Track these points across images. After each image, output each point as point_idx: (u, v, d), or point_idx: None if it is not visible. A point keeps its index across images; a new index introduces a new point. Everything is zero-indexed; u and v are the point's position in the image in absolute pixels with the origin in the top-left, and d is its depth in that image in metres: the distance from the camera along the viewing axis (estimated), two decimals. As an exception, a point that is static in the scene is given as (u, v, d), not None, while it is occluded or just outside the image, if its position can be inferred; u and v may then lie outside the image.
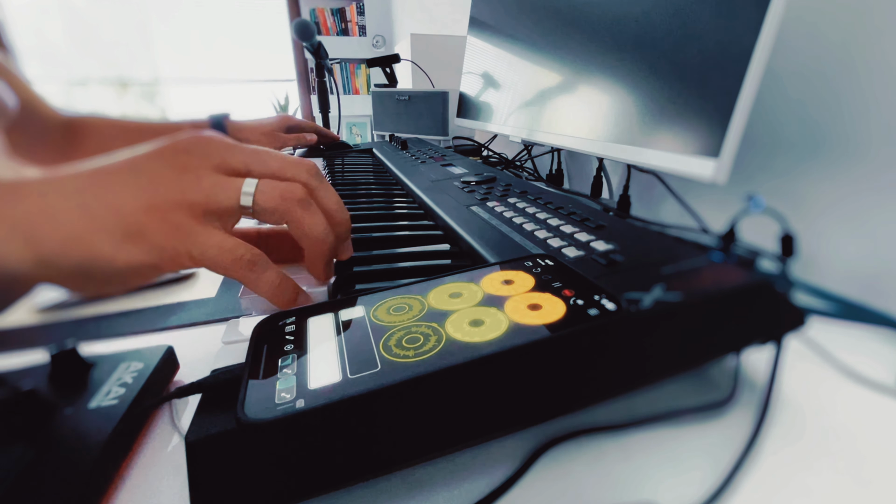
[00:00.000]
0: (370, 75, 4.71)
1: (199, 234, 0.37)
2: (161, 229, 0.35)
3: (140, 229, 0.35)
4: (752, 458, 0.30)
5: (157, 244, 0.35)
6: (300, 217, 0.41)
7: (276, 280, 0.40)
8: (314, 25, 1.51)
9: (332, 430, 0.24)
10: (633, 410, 0.35)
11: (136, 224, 0.35)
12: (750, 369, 0.39)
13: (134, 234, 0.35)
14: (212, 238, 0.37)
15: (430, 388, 0.25)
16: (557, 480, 0.29)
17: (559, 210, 0.55)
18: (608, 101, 0.67)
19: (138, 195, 0.36)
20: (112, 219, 0.35)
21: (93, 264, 0.34)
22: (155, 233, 0.35)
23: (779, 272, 0.43)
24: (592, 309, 0.29)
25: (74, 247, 0.34)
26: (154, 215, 0.36)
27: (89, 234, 0.34)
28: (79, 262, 0.34)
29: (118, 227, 0.35)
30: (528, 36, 0.95)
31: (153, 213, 0.36)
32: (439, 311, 0.32)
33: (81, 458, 0.30)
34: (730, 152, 0.46)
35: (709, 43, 0.50)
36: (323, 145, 1.37)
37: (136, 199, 0.35)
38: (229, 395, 0.29)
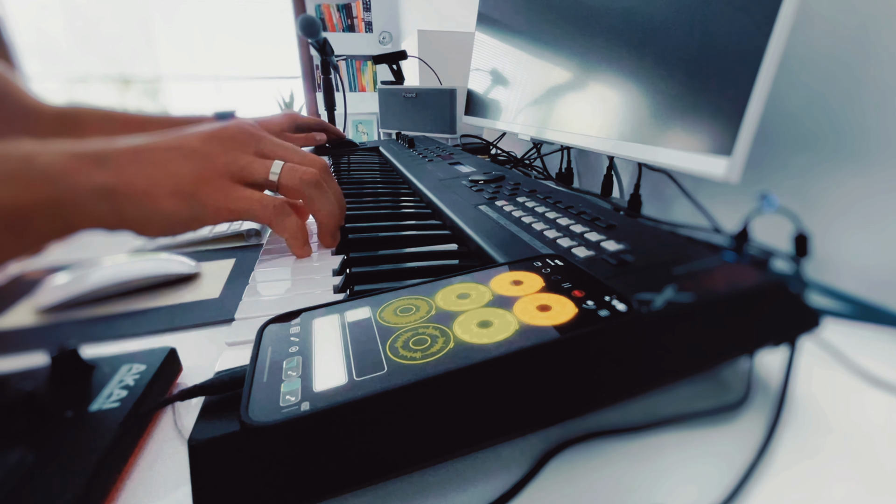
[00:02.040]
0: (376, 72, 4.72)
1: (234, 190, 0.51)
2: (206, 191, 0.49)
3: (191, 191, 0.48)
4: (765, 462, 0.30)
5: (202, 202, 0.49)
6: (313, 195, 0.56)
7: (296, 225, 0.56)
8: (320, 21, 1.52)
9: (338, 434, 0.24)
10: (645, 413, 0.35)
11: (189, 187, 0.48)
12: (763, 371, 0.39)
13: (187, 195, 0.48)
14: (244, 193, 0.52)
15: (438, 390, 0.25)
16: (568, 484, 0.29)
17: (569, 209, 0.55)
18: (618, 98, 0.67)
19: (192, 168, 0.49)
20: (171, 183, 0.48)
21: (156, 215, 0.47)
22: (201, 194, 0.49)
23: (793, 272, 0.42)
24: (603, 310, 0.29)
25: (145, 201, 0.46)
26: (202, 182, 0.49)
27: (155, 193, 0.47)
28: (147, 213, 0.47)
29: (176, 189, 0.48)
30: (537, 32, 0.95)
31: (201, 180, 0.49)
32: (447, 312, 0.32)
33: (83, 462, 0.30)
34: (743, 150, 0.46)
35: (721, 36, 0.50)
36: (329, 143, 1.37)
37: (191, 170, 0.49)
38: (233, 397, 0.29)
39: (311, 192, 0.56)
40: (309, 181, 0.55)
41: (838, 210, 0.58)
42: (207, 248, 0.76)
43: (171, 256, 0.65)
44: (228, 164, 0.52)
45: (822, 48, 0.58)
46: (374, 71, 4.76)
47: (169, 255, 0.66)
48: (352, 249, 0.61)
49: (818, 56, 0.58)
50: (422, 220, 0.72)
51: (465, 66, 1.42)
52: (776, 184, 0.65)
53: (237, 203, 0.51)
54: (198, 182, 0.49)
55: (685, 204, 0.79)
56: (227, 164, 0.51)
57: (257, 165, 0.54)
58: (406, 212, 0.76)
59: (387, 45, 4.72)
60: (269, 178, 0.54)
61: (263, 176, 0.54)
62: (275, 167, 0.54)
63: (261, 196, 0.53)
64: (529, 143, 1.24)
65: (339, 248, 0.61)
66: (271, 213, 0.53)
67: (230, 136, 0.53)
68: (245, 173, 0.53)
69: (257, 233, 0.81)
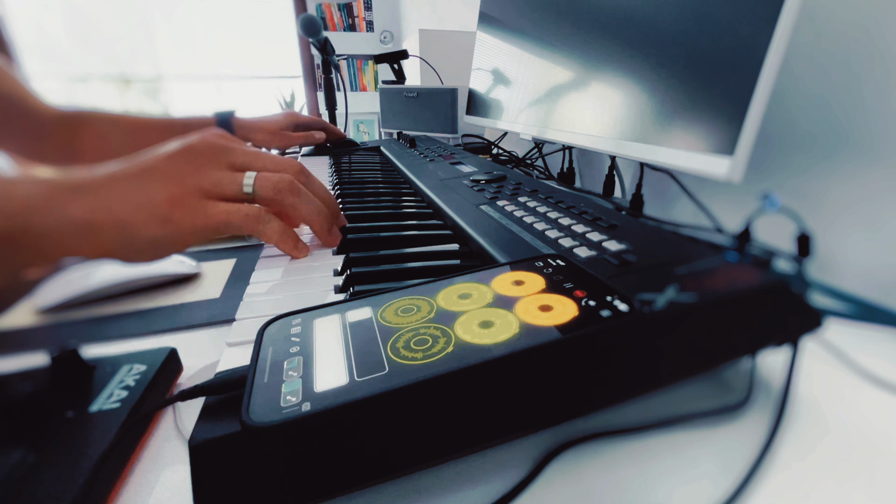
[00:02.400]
0: (378, 72, 4.72)
1: (209, 207, 0.50)
2: (181, 213, 0.48)
3: (167, 215, 0.48)
4: (767, 463, 0.30)
5: (179, 225, 0.48)
6: (293, 202, 0.55)
7: (280, 228, 0.55)
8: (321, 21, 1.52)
9: (339, 434, 0.24)
10: (646, 414, 0.35)
11: (163, 212, 0.47)
12: (765, 372, 0.39)
13: (163, 220, 0.47)
14: (219, 207, 0.50)
15: (439, 391, 0.25)
16: (568, 485, 0.29)
17: (570, 209, 0.55)
18: (620, 98, 0.67)
19: (164, 191, 0.48)
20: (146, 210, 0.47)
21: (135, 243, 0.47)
22: (177, 217, 0.48)
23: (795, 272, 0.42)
24: (605, 310, 0.29)
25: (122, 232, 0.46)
26: (175, 204, 0.48)
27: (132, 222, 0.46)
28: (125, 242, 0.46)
29: (151, 216, 0.47)
30: (538, 31, 0.95)
31: (175, 201, 0.48)
32: (448, 312, 0.32)
33: (83, 463, 0.30)
34: (745, 150, 0.46)
35: (723, 36, 0.50)
36: (330, 143, 1.37)
37: (163, 194, 0.48)
38: (234, 398, 0.29)
39: (289, 200, 0.55)
40: (284, 189, 0.54)
41: (841, 209, 0.58)
42: (208, 248, 0.77)
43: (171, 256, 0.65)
44: (199, 181, 0.50)
45: (824, 47, 0.58)
46: (376, 70, 4.76)
47: (170, 255, 0.66)
48: (353, 249, 0.61)
49: (820, 55, 0.58)
50: (423, 220, 0.72)
51: (466, 65, 1.43)
52: (778, 183, 0.65)
53: (213, 219, 0.50)
54: (172, 205, 0.48)
55: (687, 204, 0.79)
56: (198, 182, 0.50)
57: (228, 180, 0.52)
58: (407, 212, 0.76)
59: (388, 44, 4.72)
60: (244, 191, 0.52)
61: (236, 190, 0.52)
62: (247, 179, 0.53)
63: (237, 207, 0.51)
64: (531, 143, 1.24)
65: (340, 247, 0.61)
66: (251, 223, 0.52)
67: (196, 153, 0.52)
68: (217, 189, 0.51)
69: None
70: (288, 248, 0.56)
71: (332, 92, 1.73)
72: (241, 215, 0.51)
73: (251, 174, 0.53)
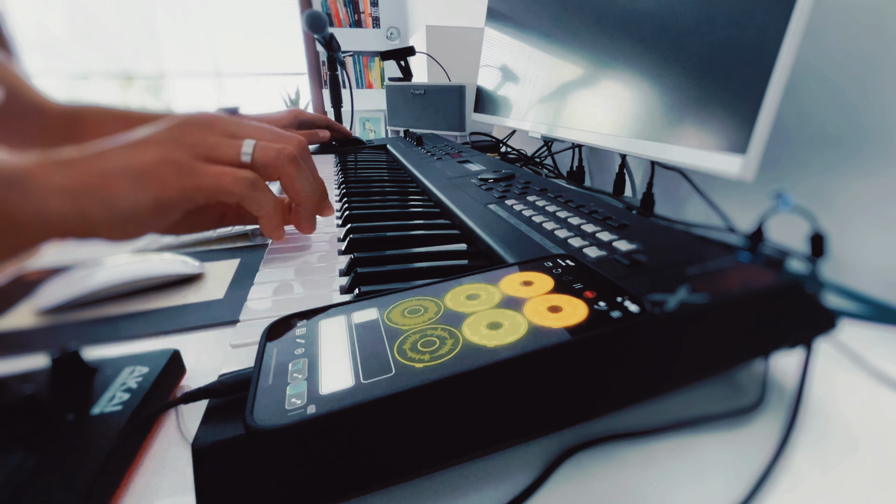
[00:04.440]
0: (384, 68, 4.72)
1: (203, 168, 0.48)
2: (169, 172, 0.47)
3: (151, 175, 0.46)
4: (780, 467, 0.30)
5: (167, 184, 0.46)
6: (291, 172, 0.54)
7: (274, 201, 0.53)
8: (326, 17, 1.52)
9: (345, 438, 0.24)
10: (657, 416, 0.35)
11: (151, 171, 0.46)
12: (779, 374, 0.39)
13: (149, 179, 0.46)
14: (212, 168, 0.49)
15: (447, 393, 0.25)
16: (578, 489, 0.29)
17: (580, 208, 0.55)
18: (631, 95, 0.67)
19: (154, 153, 0.47)
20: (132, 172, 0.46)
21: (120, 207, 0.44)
22: (167, 176, 0.47)
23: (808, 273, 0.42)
24: (615, 311, 0.29)
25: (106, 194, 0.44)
26: (165, 164, 0.47)
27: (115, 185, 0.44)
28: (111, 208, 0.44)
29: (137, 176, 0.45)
30: (547, 27, 0.95)
31: (164, 163, 0.47)
32: (456, 313, 0.32)
33: (84, 466, 0.30)
34: (757, 148, 0.46)
35: (734, 30, 0.50)
36: (335, 141, 1.37)
37: (153, 156, 0.47)
38: (238, 400, 0.29)
39: (288, 170, 0.54)
40: (286, 157, 0.53)
41: (855, 209, 0.57)
42: (211, 249, 0.77)
43: (174, 257, 0.65)
44: (195, 144, 0.49)
45: (840, 41, 0.58)
46: (382, 67, 4.76)
47: (172, 256, 0.66)
48: (359, 249, 0.61)
49: (836, 49, 0.58)
50: (430, 219, 0.72)
51: (474, 62, 1.42)
52: (792, 182, 0.65)
53: (204, 179, 0.48)
54: (159, 164, 0.47)
55: (699, 203, 0.79)
56: (194, 144, 0.49)
57: (226, 145, 0.51)
58: (414, 211, 0.76)
59: (394, 40, 4.72)
60: (242, 159, 0.51)
61: (234, 155, 0.51)
62: (246, 146, 0.51)
63: (232, 170, 0.50)
64: (540, 141, 1.24)
65: (346, 247, 0.62)
66: (244, 188, 0.50)
67: (195, 121, 0.51)
68: (214, 153, 0.50)
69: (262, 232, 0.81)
70: (273, 224, 0.55)
71: (337, 89, 1.73)
72: (234, 177, 0.49)
73: (250, 141, 0.52)
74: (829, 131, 0.60)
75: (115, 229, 0.45)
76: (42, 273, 0.69)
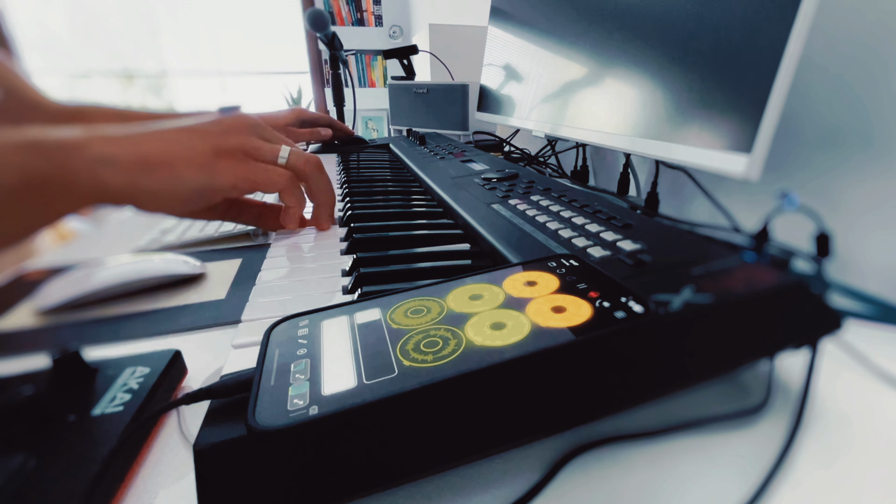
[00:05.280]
0: (387, 67, 4.72)
1: (252, 164, 0.59)
2: (225, 163, 0.57)
3: (210, 162, 0.55)
4: (785, 468, 0.30)
5: (220, 171, 0.56)
6: (317, 178, 0.67)
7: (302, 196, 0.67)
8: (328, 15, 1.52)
9: (347, 439, 0.24)
10: (662, 417, 0.35)
11: (207, 159, 0.55)
12: (784, 374, 0.39)
13: (206, 166, 0.55)
14: (260, 166, 0.60)
15: (450, 394, 0.25)
16: (582, 491, 0.29)
17: (584, 208, 0.55)
18: (635, 94, 0.67)
19: (208, 144, 0.56)
20: (189, 155, 0.54)
21: (172, 184, 0.53)
22: (221, 164, 0.56)
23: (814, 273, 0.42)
24: (619, 311, 0.29)
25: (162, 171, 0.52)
26: (220, 155, 0.56)
27: (173, 163, 0.53)
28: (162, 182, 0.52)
29: (194, 160, 0.54)
30: (551, 26, 0.95)
31: (219, 154, 0.56)
32: (459, 313, 0.32)
33: (85, 468, 0.30)
34: (763, 147, 0.46)
35: (739, 28, 0.50)
36: (337, 140, 1.37)
37: (208, 146, 0.56)
38: (239, 401, 0.29)
39: (316, 175, 0.67)
40: (312, 165, 0.66)
41: (861, 208, 0.57)
42: (213, 248, 0.77)
43: (176, 256, 0.65)
44: (242, 143, 0.59)
45: (846, 38, 0.58)
46: (385, 66, 4.76)
47: (174, 255, 0.66)
48: (361, 249, 0.61)
49: (842, 47, 0.58)
50: (433, 219, 0.72)
51: (477, 60, 1.42)
52: (797, 182, 0.65)
53: (255, 173, 0.59)
54: (216, 155, 0.56)
55: (704, 202, 0.79)
56: (241, 143, 0.59)
57: (267, 148, 0.62)
58: (417, 211, 0.76)
59: (397, 39, 4.72)
60: (279, 161, 0.63)
61: (273, 156, 0.62)
62: (283, 152, 0.63)
63: (276, 167, 0.62)
64: (544, 140, 1.23)
65: (348, 247, 0.62)
66: (287, 182, 0.62)
67: (238, 122, 0.61)
68: (257, 153, 0.60)
69: (264, 232, 0.81)
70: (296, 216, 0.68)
71: (339, 88, 1.74)
72: (279, 173, 0.61)
73: (286, 147, 0.64)
74: (835, 130, 0.60)
75: (160, 203, 0.54)
76: (43, 273, 0.69)
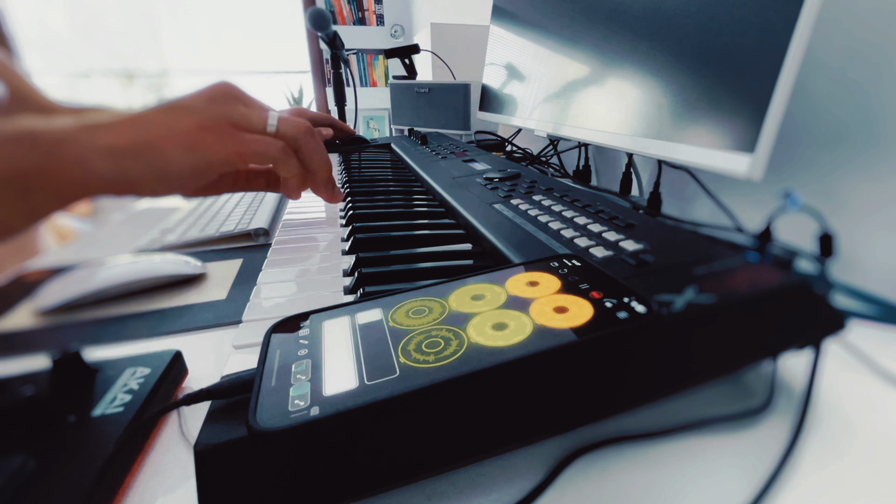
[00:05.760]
0: (388, 67, 4.71)
1: (240, 136, 0.55)
2: (211, 137, 0.53)
3: (196, 139, 0.52)
4: (788, 469, 0.30)
5: (209, 146, 0.52)
6: (309, 143, 0.61)
7: (297, 166, 0.61)
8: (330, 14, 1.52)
9: (348, 440, 0.24)
10: (664, 418, 0.35)
11: (193, 136, 0.52)
12: (787, 375, 0.39)
13: (192, 143, 0.52)
14: (248, 136, 0.56)
15: (451, 394, 0.25)
16: (584, 492, 0.29)
17: (586, 208, 0.55)
18: (637, 93, 0.67)
19: (192, 120, 0.53)
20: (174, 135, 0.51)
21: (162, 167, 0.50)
22: (208, 139, 0.52)
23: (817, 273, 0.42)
24: (622, 312, 0.29)
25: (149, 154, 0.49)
26: (205, 130, 0.53)
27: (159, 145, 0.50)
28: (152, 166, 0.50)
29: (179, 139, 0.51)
30: (553, 25, 0.95)
31: (204, 128, 0.53)
32: (461, 313, 0.32)
33: (86, 469, 0.30)
34: (766, 147, 0.46)
35: (742, 26, 0.50)
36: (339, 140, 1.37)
37: (192, 122, 0.52)
38: (240, 402, 0.29)
39: (307, 141, 0.61)
40: (303, 131, 0.61)
41: (865, 208, 0.57)
42: (214, 249, 0.77)
43: (176, 257, 0.66)
44: (228, 112, 0.55)
45: (850, 37, 0.58)
46: (386, 65, 4.75)
47: (174, 256, 0.66)
48: (363, 249, 0.61)
49: (846, 46, 0.58)
50: (435, 219, 0.72)
51: (479, 60, 1.42)
52: (800, 181, 0.64)
53: (246, 145, 0.55)
54: (201, 130, 0.53)
55: (706, 202, 0.79)
56: (227, 113, 0.55)
57: (255, 116, 0.57)
58: (419, 211, 0.76)
59: (399, 38, 4.72)
60: (268, 129, 0.58)
61: (261, 125, 0.58)
62: (271, 118, 0.59)
63: (265, 137, 0.57)
64: (546, 140, 1.24)
65: (349, 247, 0.62)
66: (278, 152, 0.58)
67: (222, 92, 0.57)
68: (244, 122, 0.56)
69: (265, 232, 0.81)
70: (297, 183, 0.66)
71: (341, 87, 1.74)
72: (268, 143, 0.57)
73: (274, 113, 0.59)
74: (838, 129, 0.60)
75: (156, 187, 0.51)
76: (43, 273, 0.69)
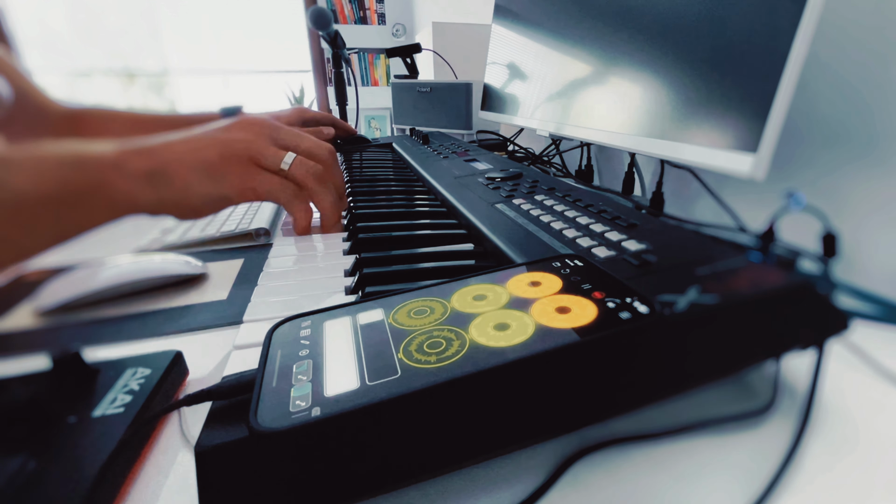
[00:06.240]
0: (390, 66, 4.72)
1: (257, 173, 0.63)
2: (233, 172, 0.60)
3: (220, 173, 0.60)
4: (792, 470, 0.30)
5: (230, 182, 0.60)
6: (317, 189, 0.67)
7: (309, 210, 0.68)
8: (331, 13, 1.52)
9: (350, 440, 0.24)
10: (667, 419, 0.34)
11: (217, 170, 0.59)
12: (790, 376, 0.39)
13: (217, 177, 0.59)
14: (265, 175, 0.63)
15: (453, 395, 0.25)
16: (587, 493, 0.29)
17: (589, 208, 0.55)
18: (640, 93, 0.67)
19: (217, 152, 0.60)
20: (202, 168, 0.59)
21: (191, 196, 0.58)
22: (231, 176, 0.60)
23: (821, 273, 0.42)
24: (624, 312, 0.29)
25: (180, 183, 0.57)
26: (228, 163, 0.60)
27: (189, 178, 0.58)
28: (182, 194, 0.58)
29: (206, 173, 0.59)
30: (556, 24, 0.95)
31: (227, 161, 0.60)
32: (463, 314, 0.32)
33: (86, 470, 0.30)
34: (769, 146, 0.46)
35: (745, 26, 0.50)
36: (340, 139, 1.37)
37: (216, 154, 0.60)
38: (241, 402, 0.29)
39: (315, 187, 0.67)
40: (315, 176, 0.66)
41: (868, 208, 0.57)
42: (215, 249, 0.77)
43: (177, 257, 0.65)
44: (248, 149, 0.62)
45: (853, 37, 0.58)
46: (388, 64, 4.76)
47: (175, 256, 0.66)
48: (364, 249, 0.61)
49: (849, 46, 0.58)
50: (436, 219, 0.72)
51: (481, 59, 1.42)
52: (803, 181, 0.64)
53: (261, 184, 0.62)
54: (225, 164, 0.60)
55: (709, 202, 0.79)
56: (247, 149, 0.62)
57: (271, 153, 0.64)
58: (420, 210, 0.76)
59: (400, 37, 4.72)
60: (280, 168, 0.64)
61: (276, 164, 0.64)
62: (287, 158, 0.64)
63: (280, 179, 0.64)
64: (548, 140, 1.23)
65: (351, 247, 0.62)
66: (290, 196, 0.65)
67: (248, 125, 0.64)
68: (260, 159, 0.63)
69: (266, 232, 0.81)
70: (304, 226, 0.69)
71: (342, 87, 1.74)
72: (281, 186, 0.64)
73: (291, 155, 0.65)
74: (842, 129, 0.60)
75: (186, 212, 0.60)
76: (43, 273, 0.69)
